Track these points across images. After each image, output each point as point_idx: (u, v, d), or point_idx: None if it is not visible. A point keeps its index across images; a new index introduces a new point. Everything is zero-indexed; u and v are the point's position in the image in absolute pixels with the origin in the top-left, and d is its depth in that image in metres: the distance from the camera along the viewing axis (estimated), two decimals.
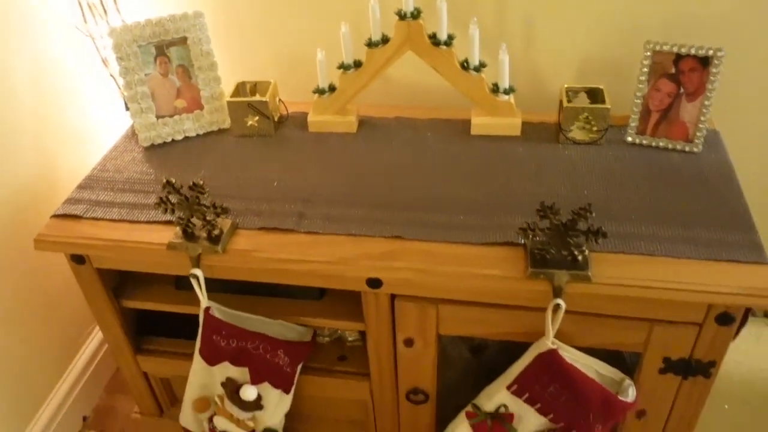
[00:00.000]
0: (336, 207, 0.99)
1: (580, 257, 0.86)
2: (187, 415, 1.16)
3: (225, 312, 1.01)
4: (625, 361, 1.03)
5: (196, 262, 0.95)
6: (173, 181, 0.90)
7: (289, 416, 1.14)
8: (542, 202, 0.82)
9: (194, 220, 0.94)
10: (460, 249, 0.91)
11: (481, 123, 1.11)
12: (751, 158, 1.18)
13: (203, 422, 1.15)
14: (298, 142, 1.14)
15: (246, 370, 1.03)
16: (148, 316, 1.18)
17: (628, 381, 0.94)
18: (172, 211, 0.93)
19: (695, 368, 0.93)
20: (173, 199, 0.92)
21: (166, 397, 1.26)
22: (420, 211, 0.97)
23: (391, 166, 1.07)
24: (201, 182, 0.90)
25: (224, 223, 0.96)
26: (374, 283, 0.92)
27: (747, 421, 1.31)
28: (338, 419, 1.21)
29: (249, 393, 1.03)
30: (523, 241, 0.90)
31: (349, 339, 1.14)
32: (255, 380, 1.03)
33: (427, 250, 0.91)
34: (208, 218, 0.92)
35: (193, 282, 0.96)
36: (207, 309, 0.99)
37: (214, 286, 1.03)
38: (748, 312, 0.88)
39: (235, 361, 1.02)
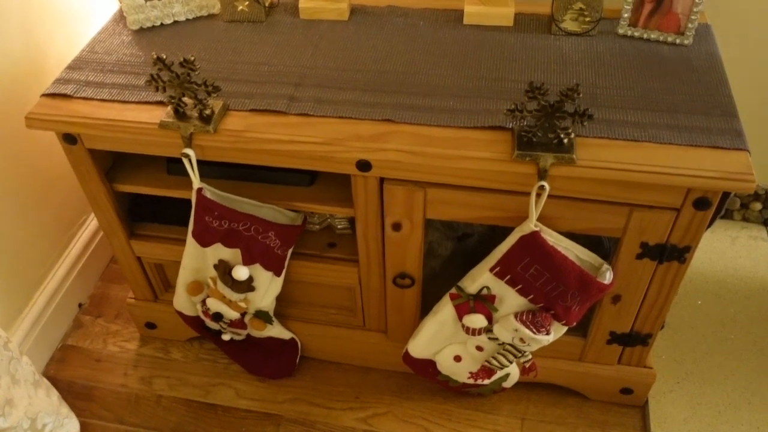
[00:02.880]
0: (327, 90, 0.99)
1: (565, 140, 0.88)
2: (180, 299, 1.20)
3: (217, 194, 1.03)
4: (604, 248, 1.07)
5: (188, 142, 0.96)
6: (164, 57, 0.90)
7: (280, 300, 1.19)
8: (531, 83, 0.83)
9: (186, 99, 0.94)
10: (449, 132, 0.92)
11: (474, 12, 1.10)
12: (742, 54, 1.18)
13: (197, 305, 1.19)
14: (289, 28, 1.13)
15: (238, 251, 1.05)
16: (141, 204, 1.20)
17: (606, 266, 0.98)
18: (163, 89, 0.93)
19: (671, 253, 0.97)
20: (164, 76, 0.92)
21: (160, 282, 1.29)
22: (410, 96, 0.98)
23: (382, 52, 1.06)
24: (192, 58, 0.89)
25: (215, 103, 0.96)
26: (364, 165, 0.94)
27: (718, 314, 1.37)
28: (327, 305, 1.25)
29: (241, 273, 1.06)
30: (510, 125, 0.92)
31: (339, 227, 1.17)
32: (247, 261, 1.06)
33: (416, 133, 0.93)
34: (199, 97, 0.93)
35: (185, 162, 0.97)
36: (199, 190, 1.01)
37: (206, 172, 1.04)
38: (725, 199, 0.91)
39: (227, 243, 1.05)
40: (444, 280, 1.10)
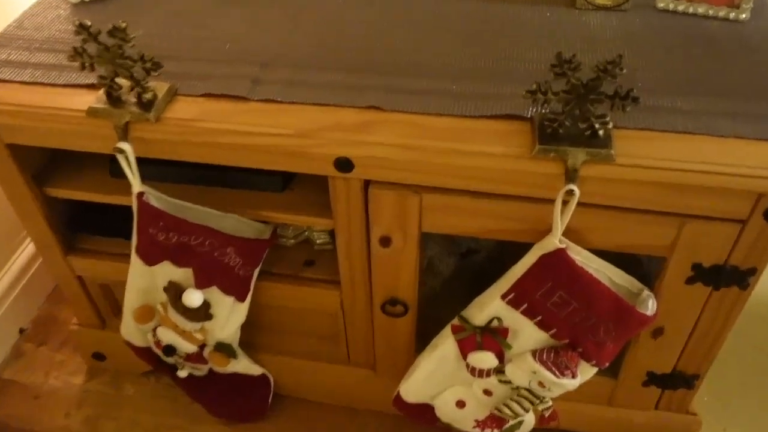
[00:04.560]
0: (301, 71, 0.80)
1: (601, 131, 0.68)
2: (128, 327, 1.00)
3: (164, 200, 0.84)
4: (642, 269, 0.87)
5: (123, 134, 0.76)
6: (88, 24, 0.71)
7: (247, 328, 0.98)
8: (559, 53, 0.64)
9: (120, 80, 0.75)
10: (451, 122, 0.73)
11: None
12: None
13: (147, 334, 0.99)
14: (264, 1, 0.94)
15: (190, 271, 0.86)
16: (83, 212, 1.00)
17: (647, 292, 0.78)
18: (91, 67, 0.74)
19: (730, 276, 0.77)
20: (91, 50, 0.73)
21: (108, 306, 1.09)
22: (404, 77, 0.78)
23: (373, 25, 0.87)
24: (123, 25, 0.70)
25: (159, 86, 0.77)
26: (344, 164, 0.75)
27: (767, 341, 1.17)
28: (305, 333, 1.05)
29: (193, 298, 0.86)
30: (530, 113, 0.72)
31: (318, 241, 0.97)
32: (200, 283, 0.86)
33: (409, 122, 0.73)
34: (136, 76, 0.74)
35: (120, 160, 0.78)
36: (140, 195, 0.81)
37: (155, 173, 0.86)
38: None
39: (177, 261, 0.85)
40: (445, 305, 0.90)
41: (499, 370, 0.84)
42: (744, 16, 0.85)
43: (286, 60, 0.82)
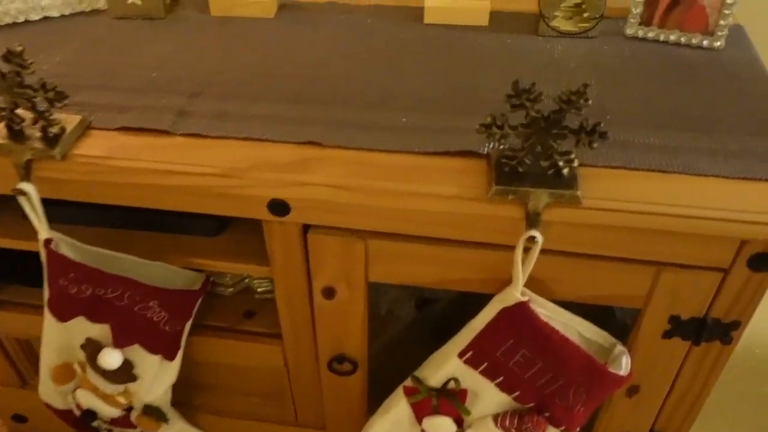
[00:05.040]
0: (233, 102, 0.72)
1: (566, 170, 0.60)
2: (46, 388, 0.89)
3: (77, 248, 0.74)
4: (615, 321, 0.79)
5: (25, 173, 0.67)
6: None
7: (181, 388, 0.88)
8: (516, 82, 0.56)
9: (22, 111, 0.66)
10: (400, 159, 0.65)
11: (438, 7, 0.84)
12: None
13: (67, 396, 0.88)
14: (196, 26, 0.86)
15: (107, 327, 0.75)
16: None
17: (620, 347, 0.69)
18: None
19: (712, 330, 0.69)
20: None
21: (28, 362, 0.98)
22: (348, 109, 0.70)
23: (316, 55, 0.79)
24: (19, 49, 0.61)
25: (69, 119, 0.68)
26: (279, 206, 0.66)
27: (753, 393, 1.09)
28: (247, 391, 0.95)
29: (110, 359, 0.76)
30: (486, 150, 0.64)
31: (259, 290, 0.88)
32: (119, 342, 0.76)
33: (352, 160, 0.65)
34: (39, 108, 0.64)
35: (22, 202, 0.68)
36: (48, 241, 0.71)
37: (70, 215, 0.76)
38: None
39: (93, 316, 0.75)
40: (402, 359, 0.81)
41: None
42: (719, 44, 0.78)
43: (216, 90, 0.73)
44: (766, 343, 1.17)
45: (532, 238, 0.60)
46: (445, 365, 0.71)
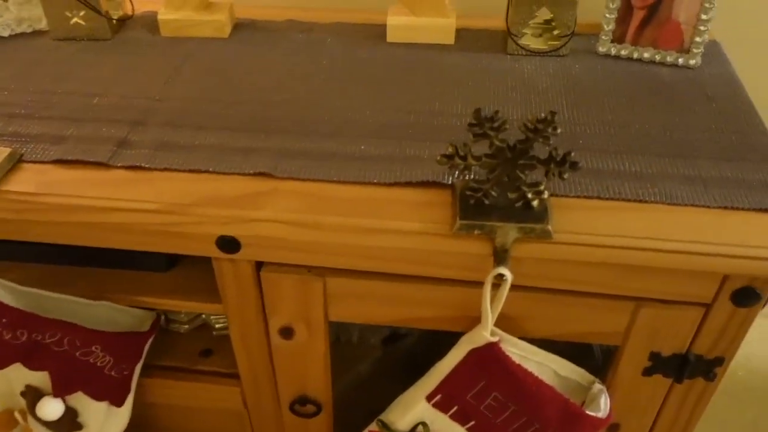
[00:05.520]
0: (179, 131, 0.66)
1: (535, 202, 0.56)
2: None
3: (11, 289, 0.68)
4: (593, 357, 0.75)
5: None
6: None
7: (138, 429, 0.82)
8: (477, 110, 0.51)
9: None
10: (358, 191, 0.60)
11: (401, 25, 0.80)
12: (759, 76, 0.89)
13: None
14: (144, 48, 0.80)
15: (46, 375, 0.70)
16: None
17: (598, 385, 0.65)
18: None
19: (694, 367, 0.65)
20: None
21: None
22: (302, 137, 0.65)
23: (270, 76, 0.74)
24: None
25: None
26: (228, 243, 0.61)
27: (734, 421, 1.06)
28: None
29: (50, 409, 0.70)
30: (450, 180, 0.60)
31: (217, 326, 0.82)
32: (60, 390, 0.70)
33: (306, 192, 0.60)
34: None
35: None
36: None
37: (6, 252, 0.70)
38: None
39: (30, 363, 0.69)
40: (369, 398, 0.76)
41: None
42: (694, 61, 0.75)
43: (162, 117, 0.68)
44: (749, 366, 1.14)
45: (500, 276, 0.56)
46: (413, 409, 0.67)
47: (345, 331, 0.91)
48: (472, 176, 0.57)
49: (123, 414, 0.76)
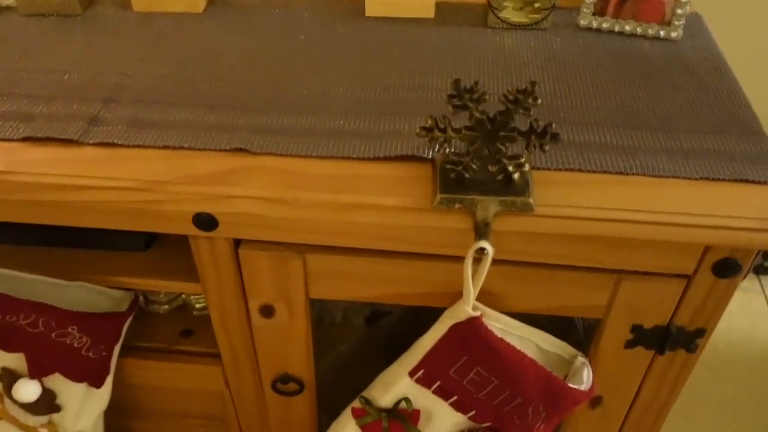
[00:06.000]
0: (152, 108, 0.65)
1: (516, 175, 0.55)
2: None
3: None
4: (576, 330, 0.75)
5: None
6: None
7: (115, 413, 0.81)
8: (457, 81, 0.51)
9: None
10: (337, 167, 0.59)
11: (380, 0, 0.78)
12: (738, 49, 0.89)
13: None
14: (115, 24, 0.78)
15: (22, 356, 0.69)
16: None
17: (581, 359, 0.65)
18: None
19: (676, 339, 0.65)
20: None
21: None
22: (279, 114, 0.64)
23: (246, 55, 0.73)
24: None
25: None
26: (205, 221, 0.60)
27: (715, 393, 1.07)
28: (189, 414, 0.89)
29: (26, 391, 0.69)
30: (429, 154, 0.59)
31: (197, 306, 0.81)
32: (36, 372, 0.69)
33: (285, 169, 0.59)
34: None
35: None
36: None
37: None
38: (754, 259, 0.60)
39: (5, 345, 0.68)
40: (351, 376, 0.76)
41: None
42: (675, 34, 0.74)
43: (133, 94, 0.66)
44: (729, 339, 1.15)
45: (482, 250, 0.55)
46: (396, 385, 0.66)
47: (327, 312, 0.91)
48: (452, 150, 0.56)
49: (102, 395, 0.75)
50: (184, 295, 0.82)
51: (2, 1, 0.80)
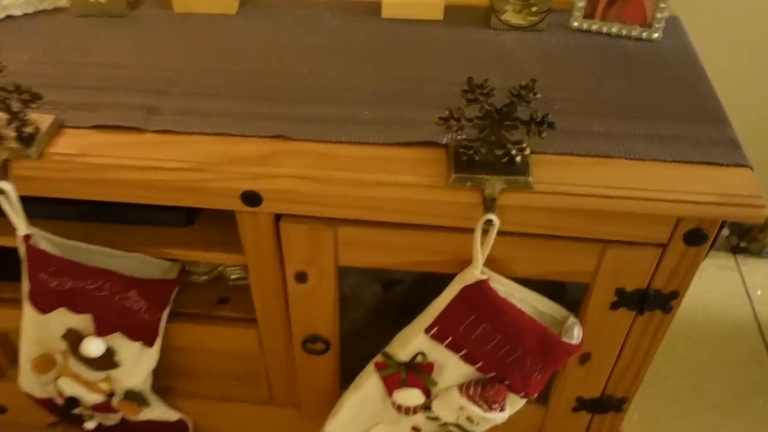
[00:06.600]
0: (200, 99, 0.74)
1: (518, 158, 0.65)
2: (27, 378, 0.91)
3: (55, 242, 0.76)
4: (567, 295, 0.85)
5: (3, 172, 0.69)
6: None
7: (160, 373, 0.91)
8: (470, 78, 0.61)
9: None
10: (364, 150, 0.69)
11: (395, 3, 0.88)
12: (713, 49, 0.99)
13: (48, 385, 0.91)
14: (159, 24, 0.88)
15: (89, 317, 0.78)
16: None
17: (572, 319, 0.76)
18: None
19: (653, 301, 0.75)
20: None
21: (4, 354, 1.00)
22: (312, 104, 0.74)
23: (277, 50, 0.82)
24: None
25: (42, 119, 0.70)
26: (251, 197, 0.69)
27: (692, 360, 1.18)
28: (224, 375, 0.99)
29: (92, 347, 0.79)
30: (444, 140, 0.69)
31: (232, 277, 0.91)
32: (101, 331, 0.79)
33: (320, 153, 0.69)
34: (13, 109, 0.66)
35: (2, 201, 0.70)
36: (27, 237, 0.74)
37: (44, 210, 0.78)
38: (720, 229, 0.70)
39: (74, 307, 0.78)
40: (370, 339, 0.86)
41: (426, 407, 0.81)
42: (656, 35, 0.84)
43: (182, 87, 0.76)
44: (706, 312, 1.26)
45: (489, 222, 0.65)
46: (413, 341, 0.76)
47: (349, 276, 1.00)
48: (464, 136, 0.66)
49: (153, 354, 0.85)
50: (220, 267, 0.91)
51: (57, 2, 0.89)
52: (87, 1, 0.88)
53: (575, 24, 0.87)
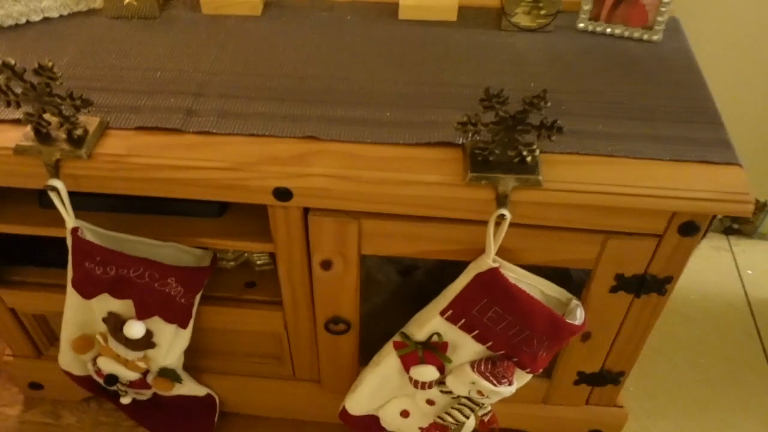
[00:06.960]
0: (234, 102, 0.80)
1: (529, 158, 0.72)
2: (66, 357, 0.98)
3: (99, 234, 0.82)
4: (571, 280, 0.92)
5: (55, 171, 0.75)
6: (12, 62, 0.69)
7: (191, 352, 0.98)
8: (487, 89, 0.67)
9: (48, 116, 0.73)
10: (387, 150, 0.75)
11: (411, 5, 0.93)
12: (711, 50, 1.05)
13: (87, 364, 0.98)
14: (189, 25, 0.93)
15: (130, 302, 0.85)
16: (12, 243, 0.97)
17: (575, 301, 0.82)
18: (17, 104, 0.72)
19: (650, 285, 0.82)
20: (16, 88, 0.71)
21: (43, 335, 1.07)
22: (338, 106, 0.80)
23: (303, 53, 0.88)
24: (50, 64, 0.69)
25: (90, 121, 0.76)
26: (283, 193, 0.76)
27: (687, 337, 1.25)
28: (249, 353, 1.06)
29: (135, 330, 0.85)
30: (461, 141, 0.75)
31: (258, 263, 0.98)
32: (142, 314, 0.86)
33: (346, 152, 0.75)
34: (65, 113, 0.72)
35: (53, 197, 0.76)
36: (75, 230, 0.80)
37: (87, 204, 0.84)
38: (712, 221, 0.77)
39: (116, 293, 0.84)
40: (387, 321, 0.93)
41: (441, 382, 0.88)
42: (657, 37, 0.90)
43: (217, 90, 0.82)
44: (701, 291, 1.33)
45: (502, 216, 0.72)
46: (429, 322, 0.83)
47: (369, 259, 1.07)
48: (479, 138, 0.72)
49: (186, 335, 0.92)
50: (247, 254, 0.98)
51: (91, 4, 0.94)
52: (121, 4, 0.93)
53: (581, 25, 0.92)
